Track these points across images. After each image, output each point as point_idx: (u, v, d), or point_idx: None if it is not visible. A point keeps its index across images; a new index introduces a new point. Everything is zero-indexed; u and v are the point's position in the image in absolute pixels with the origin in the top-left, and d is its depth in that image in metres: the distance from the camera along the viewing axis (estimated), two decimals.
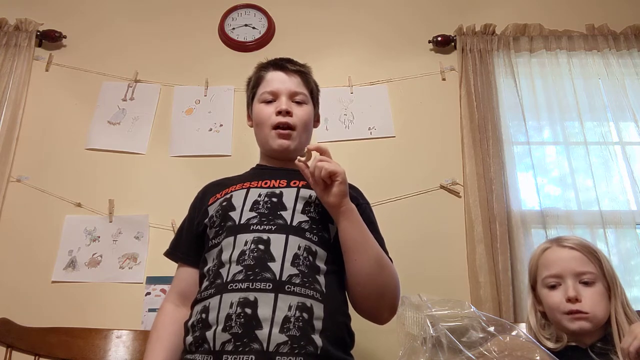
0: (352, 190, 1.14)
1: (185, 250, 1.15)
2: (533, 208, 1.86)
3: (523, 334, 0.96)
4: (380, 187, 1.92)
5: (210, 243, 1.08)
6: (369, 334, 1.69)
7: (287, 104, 1.16)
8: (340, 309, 1.01)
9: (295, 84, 1.20)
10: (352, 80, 2.10)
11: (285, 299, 0.92)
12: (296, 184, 1.09)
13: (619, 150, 1.93)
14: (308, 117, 1.19)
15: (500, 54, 2.08)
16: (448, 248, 1.84)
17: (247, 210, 1.04)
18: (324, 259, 1.01)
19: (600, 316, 1.07)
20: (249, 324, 0.89)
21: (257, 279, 0.93)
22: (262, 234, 0.99)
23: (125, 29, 2.17)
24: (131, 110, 2.03)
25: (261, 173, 1.18)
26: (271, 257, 0.96)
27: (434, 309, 0.98)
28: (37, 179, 1.90)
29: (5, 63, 2.00)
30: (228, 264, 0.98)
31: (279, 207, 1.04)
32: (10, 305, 1.60)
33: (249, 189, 1.09)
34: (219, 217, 1.07)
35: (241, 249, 0.98)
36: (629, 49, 2.08)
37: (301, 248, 0.99)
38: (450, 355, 0.91)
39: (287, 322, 0.89)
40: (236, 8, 2.20)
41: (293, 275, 0.95)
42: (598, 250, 1.14)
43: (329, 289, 0.98)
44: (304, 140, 1.18)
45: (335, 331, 0.96)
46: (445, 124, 2.02)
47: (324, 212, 1.04)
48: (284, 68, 1.22)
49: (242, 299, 0.91)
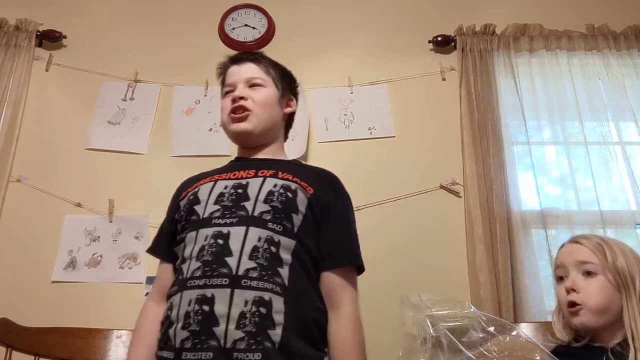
0: (325, 183, 1.13)
1: (165, 247, 1.14)
2: (533, 208, 1.86)
3: (523, 334, 0.96)
4: (380, 187, 1.92)
5: (178, 238, 1.08)
6: (368, 333, 1.70)
7: (241, 90, 1.17)
8: (306, 302, 0.98)
9: (249, 71, 1.20)
10: (352, 80, 2.10)
11: (242, 294, 0.91)
12: (264, 174, 1.07)
13: (619, 150, 1.93)
14: (265, 98, 1.18)
15: (500, 54, 2.08)
16: (448, 248, 1.84)
17: (212, 204, 1.04)
18: (290, 249, 0.99)
19: (597, 307, 1.04)
20: (206, 321, 0.89)
21: (214, 274, 0.93)
22: (223, 227, 0.99)
23: (126, 29, 2.17)
24: (131, 110, 2.03)
25: (234, 165, 1.18)
26: (229, 251, 0.95)
27: (434, 309, 0.98)
28: (37, 179, 1.90)
29: (5, 63, 2.00)
30: (189, 259, 0.98)
31: (242, 198, 1.03)
32: (10, 305, 1.60)
33: (217, 182, 1.09)
34: (185, 212, 1.07)
35: (201, 244, 0.98)
36: (629, 49, 2.08)
37: (261, 239, 0.97)
38: (450, 355, 0.91)
39: (243, 318, 0.89)
40: (236, 8, 2.20)
41: (250, 269, 0.93)
42: (608, 244, 1.10)
43: (292, 282, 0.96)
44: (265, 121, 1.17)
45: (298, 325, 0.94)
46: (445, 124, 2.02)
47: (287, 201, 1.02)
48: (237, 61, 1.24)
49: (200, 295, 0.91)
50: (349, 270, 1.06)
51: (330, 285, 1.03)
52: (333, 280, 1.03)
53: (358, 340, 1.00)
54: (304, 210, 1.04)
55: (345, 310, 1.01)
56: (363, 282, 1.77)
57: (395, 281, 1.77)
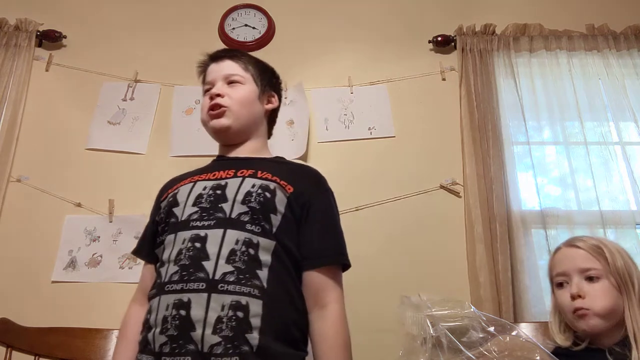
0: (307, 180, 1.11)
1: (148, 248, 1.14)
2: (533, 208, 1.86)
3: (523, 334, 0.96)
4: (380, 187, 1.92)
5: (158, 240, 1.08)
6: (368, 333, 1.70)
7: (218, 88, 1.16)
8: (286, 303, 0.98)
9: (227, 68, 1.20)
10: (352, 80, 2.10)
11: (219, 299, 0.90)
12: (243, 174, 1.06)
13: (619, 150, 1.93)
14: (243, 95, 1.17)
15: (500, 54, 2.08)
16: (448, 248, 1.84)
17: (190, 206, 1.03)
18: (269, 250, 0.98)
19: (604, 311, 1.05)
20: (183, 325, 0.89)
21: (191, 279, 0.93)
22: (200, 230, 0.98)
23: (125, 29, 2.18)
24: (131, 110, 2.03)
25: (214, 165, 1.18)
26: (206, 255, 0.95)
27: (434, 309, 0.98)
28: (37, 179, 1.90)
29: (5, 63, 2.00)
30: (167, 263, 0.98)
31: (220, 199, 1.02)
32: (10, 305, 1.60)
33: (196, 183, 1.08)
34: (164, 214, 1.07)
35: (179, 247, 0.97)
36: (629, 49, 2.08)
37: (239, 242, 0.96)
38: (450, 355, 0.91)
39: (219, 323, 0.88)
40: (236, 8, 2.20)
41: (227, 273, 0.93)
42: (606, 246, 1.11)
43: (272, 284, 0.95)
44: (244, 118, 1.16)
45: (278, 327, 0.93)
46: (445, 124, 2.02)
47: (265, 202, 1.01)
48: (216, 58, 1.24)
49: (177, 300, 0.91)
50: (334, 269, 1.05)
51: (315, 284, 1.02)
52: (317, 279, 1.02)
53: (343, 338, 0.99)
54: (283, 210, 1.02)
55: (330, 309, 1.00)
56: (363, 281, 1.78)
57: (395, 281, 1.77)
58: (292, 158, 1.91)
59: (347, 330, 1.01)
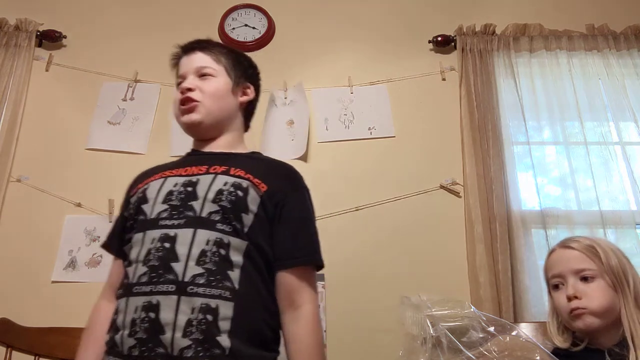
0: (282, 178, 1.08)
1: (118, 242, 1.09)
2: (533, 208, 1.86)
3: (523, 334, 0.96)
4: (380, 187, 1.92)
5: (126, 237, 1.04)
6: (368, 333, 1.70)
7: (190, 81, 1.13)
8: (258, 304, 0.95)
9: (199, 61, 1.16)
10: (352, 80, 2.10)
11: (188, 302, 0.88)
12: (215, 170, 1.03)
13: (619, 150, 1.93)
14: (215, 89, 1.13)
15: (500, 54, 2.08)
16: (448, 248, 1.84)
17: (160, 203, 0.99)
18: (241, 250, 0.95)
19: (600, 309, 1.05)
20: (152, 328, 0.87)
21: (160, 281, 0.90)
22: (170, 230, 0.95)
23: (125, 29, 2.18)
24: (131, 110, 2.04)
25: (186, 160, 1.14)
26: (175, 256, 0.92)
27: (434, 309, 0.98)
28: (37, 179, 1.90)
29: (5, 63, 2.00)
30: (135, 263, 0.95)
31: (191, 197, 0.98)
32: (10, 305, 1.60)
33: (167, 179, 1.04)
34: (134, 210, 1.03)
35: (148, 247, 0.94)
36: (629, 49, 2.08)
37: (210, 242, 0.93)
38: (450, 355, 0.91)
39: (189, 326, 0.86)
40: (236, 8, 2.20)
41: (197, 275, 0.90)
42: (600, 246, 1.11)
43: (243, 285, 0.93)
44: (216, 112, 1.12)
45: (249, 328, 0.92)
46: (445, 124, 2.02)
47: (237, 201, 0.97)
48: (187, 50, 1.20)
49: (146, 302, 0.89)
50: (307, 270, 1.02)
51: (287, 285, 0.99)
52: (290, 280, 0.99)
53: (316, 340, 0.97)
54: (256, 209, 0.99)
55: (304, 310, 0.98)
56: (363, 281, 1.78)
57: (395, 281, 1.77)
58: (292, 158, 1.92)
59: (320, 331, 0.99)
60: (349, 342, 1.70)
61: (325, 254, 1.79)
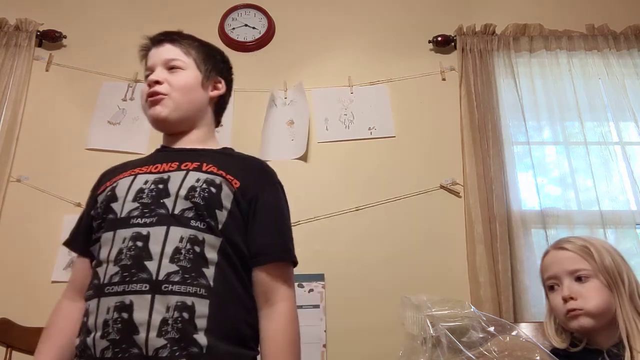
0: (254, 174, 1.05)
1: (83, 240, 1.06)
2: (533, 208, 1.86)
3: (523, 334, 0.96)
4: (380, 187, 1.92)
5: (94, 237, 1.01)
6: (368, 333, 1.70)
7: (157, 74, 1.10)
8: (234, 302, 0.94)
9: (167, 53, 1.13)
10: (352, 80, 2.10)
11: (163, 300, 0.86)
12: (187, 167, 1.00)
13: (619, 150, 1.93)
14: (184, 82, 1.10)
15: (500, 54, 2.08)
16: (448, 248, 1.84)
17: (130, 201, 0.96)
18: (215, 247, 0.94)
19: (596, 309, 1.05)
20: (125, 329, 0.85)
21: (133, 280, 0.88)
22: (142, 228, 0.92)
23: (125, 29, 2.17)
24: (131, 110, 2.04)
25: (156, 156, 1.10)
26: (148, 255, 0.90)
27: (434, 309, 0.97)
28: (37, 179, 1.90)
29: (5, 63, 2.00)
30: (106, 263, 0.92)
31: (162, 194, 0.96)
32: (10, 305, 1.60)
33: (137, 176, 1.01)
34: (102, 209, 1.00)
35: (119, 246, 0.92)
36: (629, 49, 2.08)
37: (184, 240, 0.91)
38: (450, 355, 0.91)
39: (164, 325, 0.84)
40: (236, 8, 2.20)
41: (172, 273, 0.88)
42: (594, 245, 1.11)
43: (218, 282, 0.91)
44: (184, 106, 1.09)
45: (226, 326, 0.91)
46: (445, 124, 2.02)
47: (210, 197, 0.96)
48: (156, 42, 1.17)
49: (119, 302, 0.86)
50: (282, 266, 1.01)
51: (263, 282, 0.98)
52: (265, 277, 0.98)
53: (291, 337, 0.96)
54: (229, 206, 0.97)
55: (279, 307, 0.97)
56: (363, 281, 1.78)
57: (395, 281, 1.77)
58: (292, 158, 1.92)
59: (295, 328, 0.98)
60: (349, 342, 1.70)
61: (325, 254, 1.79)
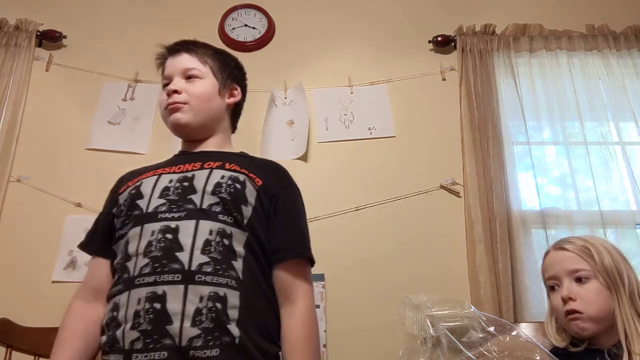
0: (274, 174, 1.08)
1: (99, 241, 1.08)
2: (533, 208, 1.86)
3: (523, 334, 0.96)
4: (380, 187, 1.92)
5: (117, 234, 1.03)
6: (369, 333, 1.70)
7: (176, 83, 1.12)
8: (260, 295, 0.96)
9: (185, 62, 1.16)
10: (352, 80, 2.10)
11: (196, 290, 0.87)
12: (210, 165, 1.04)
13: (619, 150, 1.93)
14: (202, 91, 1.13)
15: (500, 54, 2.08)
16: (448, 248, 1.84)
17: (156, 198, 0.99)
18: (242, 241, 0.96)
19: (597, 314, 1.05)
20: (158, 319, 0.85)
21: (165, 270, 0.89)
22: (171, 222, 0.94)
23: (125, 29, 2.17)
24: (131, 110, 2.04)
25: (177, 159, 1.14)
26: (179, 246, 0.91)
27: (434, 309, 0.98)
28: (37, 179, 1.90)
29: (5, 63, 2.00)
30: (135, 256, 0.93)
31: (189, 191, 0.99)
32: (10, 305, 1.60)
33: (161, 175, 1.05)
34: (126, 206, 1.03)
35: (148, 239, 0.93)
36: (629, 49, 2.08)
37: (213, 232, 0.93)
38: (450, 355, 0.91)
39: (199, 315, 0.86)
40: (236, 8, 2.20)
41: (204, 264, 0.90)
42: (594, 245, 1.11)
43: (246, 275, 0.93)
44: (203, 114, 1.12)
45: (255, 319, 0.92)
46: (445, 124, 2.02)
47: (236, 193, 0.99)
48: (172, 51, 1.20)
49: (150, 293, 0.87)
50: (300, 264, 1.03)
51: (283, 279, 1.00)
52: (285, 273, 1.00)
53: (310, 334, 0.97)
54: (254, 202, 1.00)
55: (298, 304, 0.98)
56: (363, 281, 1.78)
57: (395, 281, 1.77)
58: (292, 158, 1.92)
59: (314, 325, 0.99)
60: (349, 342, 1.70)
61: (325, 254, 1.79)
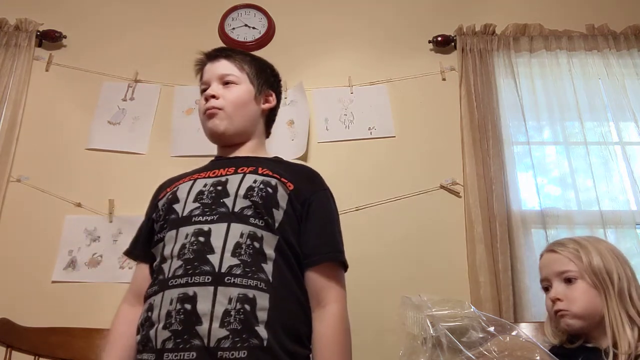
0: (306, 179, 1.11)
1: (143, 247, 1.13)
2: (533, 208, 1.86)
3: (523, 334, 0.96)
4: (380, 187, 1.92)
5: (155, 238, 1.07)
6: (369, 333, 1.70)
7: (214, 89, 1.16)
8: (291, 298, 0.97)
9: (222, 68, 1.19)
10: (352, 80, 2.10)
11: (225, 292, 0.89)
12: (243, 170, 1.07)
13: (619, 150, 1.93)
14: (238, 97, 1.16)
15: (500, 54, 2.08)
16: (448, 248, 1.84)
17: (191, 202, 1.03)
18: (272, 245, 0.98)
19: (581, 311, 1.07)
20: (188, 320, 0.88)
21: (196, 272, 0.92)
22: (204, 225, 0.97)
23: (126, 29, 2.17)
24: (131, 110, 2.04)
25: (213, 164, 1.17)
26: (211, 248, 0.94)
27: (434, 309, 0.98)
28: (37, 179, 1.90)
29: (5, 63, 2.00)
30: (170, 259, 0.97)
31: (222, 194, 1.02)
32: (10, 305, 1.60)
33: (196, 180, 1.08)
34: (164, 211, 1.07)
35: (182, 242, 0.97)
36: (629, 49, 2.08)
37: (244, 235, 0.96)
38: (450, 355, 0.91)
39: (227, 316, 0.87)
40: (236, 8, 2.20)
41: (234, 266, 0.92)
42: (583, 247, 1.13)
43: (276, 278, 0.95)
44: (239, 119, 1.16)
45: (284, 321, 0.93)
46: (445, 124, 2.02)
47: (267, 197, 1.01)
48: (211, 58, 1.23)
49: (182, 294, 0.90)
50: (334, 267, 1.04)
51: (315, 283, 1.01)
52: (317, 277, 1.01)
53: (342, 338, 0.98)
54: (285, 206, 1.02)
55: (330, 309, 0.99)
56: (363, 281, 1.78)
57: (395, 281, 1.77)
58: (292, 158, 1.92)
59: (346, 330, 1.00)
60: None
61: None
